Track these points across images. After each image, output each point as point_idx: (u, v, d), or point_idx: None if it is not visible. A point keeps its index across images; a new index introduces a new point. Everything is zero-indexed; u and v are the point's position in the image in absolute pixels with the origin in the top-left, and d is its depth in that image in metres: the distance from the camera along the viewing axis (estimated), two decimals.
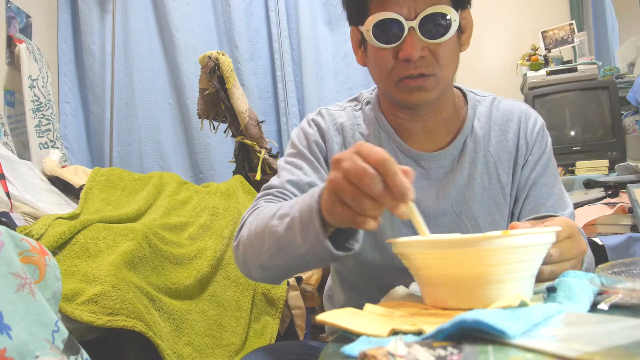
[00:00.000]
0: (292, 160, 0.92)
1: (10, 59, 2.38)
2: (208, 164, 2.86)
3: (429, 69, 0.80)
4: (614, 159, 2.03)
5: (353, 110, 0.97)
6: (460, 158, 0.90)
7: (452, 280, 0.53)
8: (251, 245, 0.76)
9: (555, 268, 0.62)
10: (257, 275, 0.79)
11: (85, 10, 2.87)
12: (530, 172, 0.91)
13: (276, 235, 0.70)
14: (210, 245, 1.71)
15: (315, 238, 0.63)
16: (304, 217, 0.64)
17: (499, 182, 0.90)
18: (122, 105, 2.88)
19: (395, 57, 0.80)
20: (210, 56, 2.26)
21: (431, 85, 0.82)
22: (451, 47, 0.82)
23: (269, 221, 0.72)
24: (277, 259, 0.71)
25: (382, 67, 0.83)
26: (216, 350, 1.51)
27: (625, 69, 2.39)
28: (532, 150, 0.91)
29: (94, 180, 1.92)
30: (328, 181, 0.58)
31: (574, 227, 0.67)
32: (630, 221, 1.55)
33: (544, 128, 0.94)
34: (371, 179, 0.53)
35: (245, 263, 0.79)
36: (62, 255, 1.37)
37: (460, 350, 0.38)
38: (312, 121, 0.96)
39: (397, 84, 0.82)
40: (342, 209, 0.56)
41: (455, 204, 0.88)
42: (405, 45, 0.78)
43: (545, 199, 0.90)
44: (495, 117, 0.93)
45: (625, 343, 0.37)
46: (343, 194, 0.56)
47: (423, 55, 0.79)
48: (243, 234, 0.79)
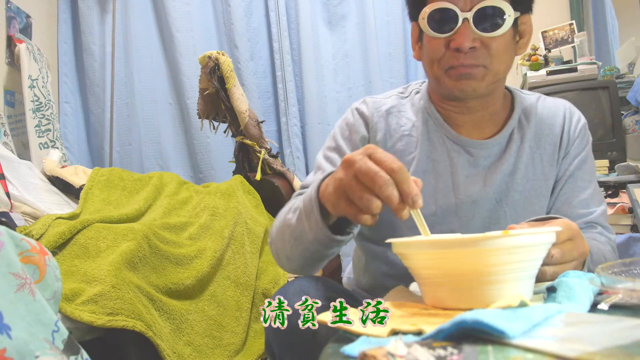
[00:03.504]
0: (329, 155, 0.94)
1: (10, 59, 2.38)
2: (208, 164, 2.86)
3: (479, 61, 0.81)
4: (614, 159, 2.03)
5: (399, 98, 0.98)
6: (508, 147, 0.91)
7: (452, 280, 0.53)
8: (277, 240, 0.83)
9: (557, 269, 0.63)
10: (287, 266, 0.85)
11: (85, 10, 2.87)
12: (568, 165, 0.93)
13: (291, 227, 0.77)
14: (210, 245, 1.71)
15: (316, 225, 0.69)
16: (307, 207, 0.71)
17: (543, 174, 0.92)
18: (122, 105, 2.88)
19: (447, 47, 0.82)
20: (210, 56, 2.26)
21: (480, 74, 0.82)
22: (505, 44, 0.83)
23: (286, 215, 0.80)
24: (296, 249, 0.78)
25: (433, 55, 0.85)
26: (216, 350, 1.51)
27: (625, 69, 2.39)
28: (573, 144, 0.94)
29: (94, 180, 1.92)
30: (337, 179, 0.62)
31: (576, 229, 0.67)
32: (630, 221, 1.55)
33: (586, 127, 0.97)
34: (384, 183, 0.56)
35: (278, 256, 0.86)
36: (62, 255, 1.37)
37: (460, 350, 0.38)
38: (356, 110, 0.97)
39: (447, 71, 0.84)
40: (346, 205, 0.61)
41: (497, 191, 0.90)
42: (458, 36, 0.80)
43: (579, 192, 0.92)
44: (541, 112, 0.95)
45: (625, 343, 0.37)
46: (351, 193, 0.59)
47: (474, 47, 0.80)
48: (272, 230, 0.87)
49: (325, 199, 0.66)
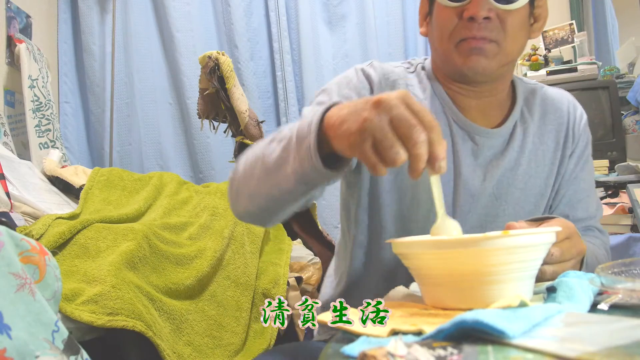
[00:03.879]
0: (320, 100, 0.84)
1: (10, 59, 2.38)
2: (208, 164, 2.86)
3: (493, 34, 0.77)
4: (614, 159, 2.03)
5: (406, 72, 0.91)
6: (511, 141, 0.87)
7: (452, 280, 0.53)
8: (243, 174, 0.74)
9: (557, 268, 0.63)
10: (243, 207, 0.76)
11: (85, 10, 2.87)
12: (575, 165, 0.91)
13: (270, 158, 0.67)
14: (210, 245, 1.71)
15: (306, 152, 0.60)
16: (301, 132, 0.61)
17: (544, 172, 0.89)
18: (122, 105, 2.88)
19: (460, 17, 0.78)
20: (210, 56, 2.26)
21: (492, 52, 0.78)
22: (520, 20, 0.79)
23: (266, 146, 0.70)
24: (264, 185, 0.69)
25: (444, 27, 0.80)
26: (216, 350, 1.51)
27: (625, 69, 2.38)
28: (578, 142, 0.91)
29: (94, 180, 1.92)
30: (365, 119, 0.54)
31: (572, 228, 0.67)
32: (630, 221, 1.55)
33: (587, 122, 0.95)
34: (421, 140, 0.51)
35: (237, 194, 0.76)
36: (62, 255, 1.36)
37: (460, 350, 0.38)
38: (362, 71, 0.88)
39: (458, 45, 0.79)
40: (370, 149, 0.54)
41: (496, 187, 0.86)
42: (472, 4, 0.76)
43: (582, 195, 0.90)
44: (544, 105, 0.91)
45: (625, 343, 0.37)
46: (381, 138, 0.52)
47: (489, 17, 0.76)
48: (239, 165, 0.76)
49: (338, 133, 0.57)
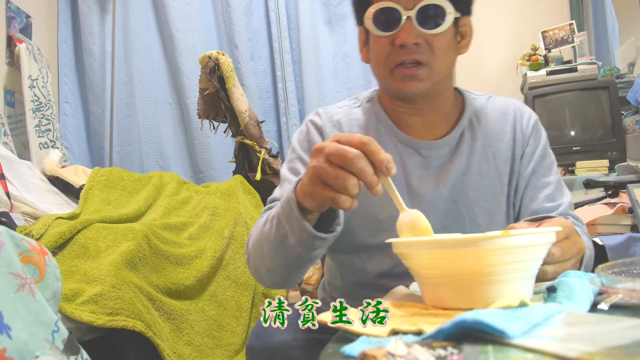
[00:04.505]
0: (292, 166, 0.95)
1: (10, 59, 2.38)
2: (208, 164, 2.86)
3: (423, 57, 0.84)
4: (614, 159, 2.03)
5: (351, 108, 1.01)
6: (458, 147, 0.93)
7: (452, 280, 0.53)
8: (256, 254, 0.83)
9: (557, 268, 0.63)
10: (267, 280, 0.86)
11: (85, 10, 2.87)
12: (528, 162, 0.94)
13: (270, 237, 0.77)
14: (210, 245, 1.71)
15: (297, 224, 0.69)
16: (285, 210, 0.71)
17: (497, 171, 0.93)
18: (122, 105, 2.88)
19: (392, 44, 0.85)
20: (210, 56, 2.26)
21: (424, 74, 0.85)
22: (447, 41, 0.86)
23: (262, 228, 0.80)
24: (277, 259, 0.78)
25: (379, 54, 0.88)
26: (216, 350, 1.51)
27: (625, 69, 2.38)
28: (528, 142, 0.95)
29: (94, 180, 1.92)
30: (309, 167, 0.64)
31: (571, 227, 0.69)
32: (630, 221, 1.55)
33: (538, 123, 0.98)
34: (355, 156, 0.59)
35: (257, 272, 0.86)
36: (62, 255, 1.37)
37: (460, 350, 0.38)
38: (310, 122, 1.00)
39: (392, 71, 0.87)
40: (323, 189, 0.62)
41: (452, 191, 0.91)
42: (402, 33, 0.83)
43: (543, 188, 0.93)
44: (491, 111, 0.97)
45: (625, 343, 0.37)
46: (325, 175, 0.61)
47: (418, 43, 0.83)
48: (249, 247, 0.87)
49: (302, 194, 0.67)
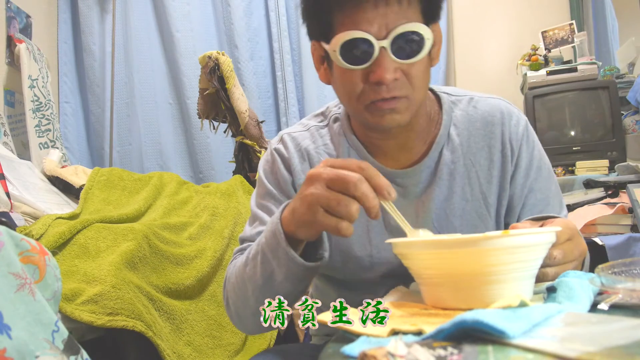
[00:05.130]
0: (263, 203, 0.88)
1: (10, 59, 2.38)
2: (208, 164, 2.86)
3: (402, 91, 0.74)
4: (614, 159, 2.03)
5: (318, 130, 0.91)
6: (438, 170, 0.83)
7: (452, 280, 0.53)
8: (237, 298, 0.78)
9: (559, 270, 0.62)
10: (252, 325, 0.80)
11: (85, 10, 2.87)
12: (524, 179, 0.84)
13: (255, 277, 0.72)
14: (210, 245, 1.71)
15: (286, 258, 0.66)
16: (271, 245, 0.68)
17: (481, 193, 0.84)
18: (122, 105, 2.88)
19: (365, 80, 0.74)
20: (210, 56, 2.26)
21: (404, 107, 0.75)
22: (424, 66, 0.76)
23: (244, 268, 0.75)
24: (263, 299, 0.67)
25: (350, 90, 0.76)
26: (216, 350, 1.51)
27: (625, 69, 2.38)
28: (519, 154, 0.84)
29: (94, 180, 1.92)
30: (307, 195, 0.61)
31: (574, 229, 0.67)
32: (630, 221, 1.55)
33: (527, 126, 0.87)
34: (358, 180, 0.58)
35: (240, 317, 0.81)
36: (62, 255, 1.37)
37: (460, 350, 0.38)
38: (275, 151, 0.90)
39: (368, 107, 0.76)
40: (324, 217, 0.60)
41: (436, 220, 0.83)
42: (377, 68, 0.71)
43: (544, 206, 0.85)
44: (474, 120, 0.86)
45: (625, 343, 0.37)
46: (327, 202, 0.59)
47: (396, 78, 0.72)
48: (229, 292, 0.81)
49: (295, 224, 0.64)
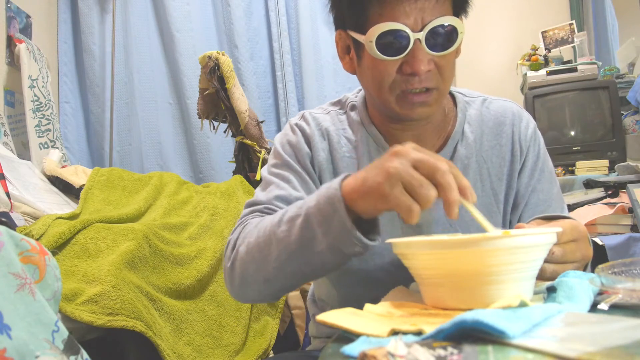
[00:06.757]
0: (278, 172, 0.87)
1: (10, 59, 2.38)
2: (208, 164, 2.86)
3: (433, 83, 0.77)
4: (614, 159, 2.03)
5: (337, 114, 0.92)
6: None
7: (452, 280, 0.53)
8: (252, 260, 0.73)
9: (557, 268, 0.62)
10: (256, 293, 0.77)
11: (85, 10, 2.87)
12: (528, 179, 0.88)
13: (288, 240, 0.68)
14: (210, 245, 1.71)
15: (339, 227, 0.62)
16: (324, 210, 0.64)
17: (492, 189, 0.87)
18: (122, 105, 2.88)
19: (399, 70, 0.76)
20: (210, 56, 2.26)
21: (434, 99, 0.79)
22: (452, 59, 0.79)
23: (275, 229, 0.70)
24: (291, 266, 0.69)
25: (381, 80, 0.78)
26: (216, 350, 1.51)
27: (625, 69, 2.39)
28: (527, 154, 0.88)
29: (94, 180, 1.92)
30: (388, 167, 0.58)
31: (582, 232, 0.66)
32: (630, 221, 1.55)
33: (536, 130, 0.91)
34: (446, 170, 0.57)
35: (244, 281, 0.76)
36: (62, 255, 1.37)
37: (460, 350, 0.38)
38: (296, 126, 0.91)
39: (398, 97, 0.78)
40: (401, 194, 0.58)
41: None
42: (412, 59, 0.74)
43: (545, 207, 0.87)
44: (487, 120, 0.89)
45: (625, 343, 0.37)
46: (410, 181, 0.57)
47: (429, 69, 0.75)
48: (240, 251, 0.75)
49: (361, 195, 0.61)
